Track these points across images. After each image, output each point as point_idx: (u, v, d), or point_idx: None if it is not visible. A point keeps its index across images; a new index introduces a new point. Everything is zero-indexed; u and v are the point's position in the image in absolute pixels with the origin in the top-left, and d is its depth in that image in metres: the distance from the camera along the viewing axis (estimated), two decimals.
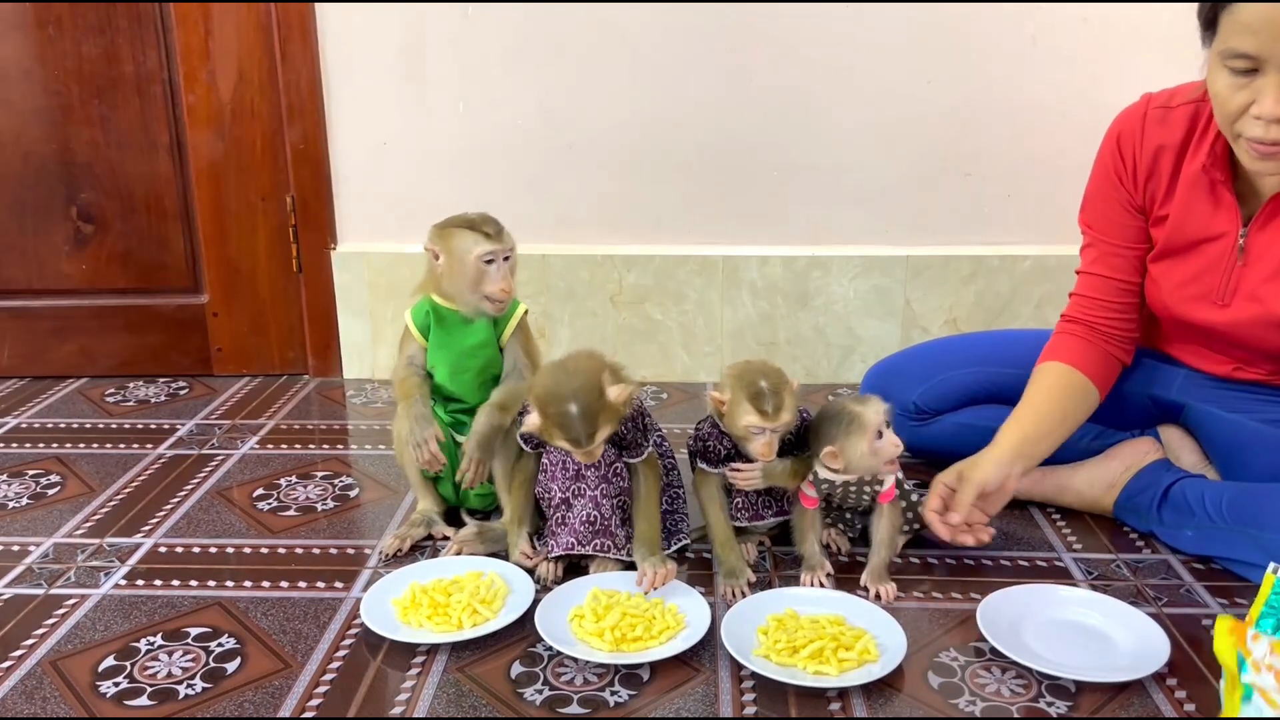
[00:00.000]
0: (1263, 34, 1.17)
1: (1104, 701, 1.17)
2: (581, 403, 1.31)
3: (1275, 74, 1.19)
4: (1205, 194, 1.40)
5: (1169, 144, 1.42)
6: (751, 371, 1.40)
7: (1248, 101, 1.22)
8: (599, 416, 1.32)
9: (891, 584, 1.40)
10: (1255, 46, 1.18)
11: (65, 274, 2.28)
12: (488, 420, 1.51)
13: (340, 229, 2.26)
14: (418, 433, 1.52)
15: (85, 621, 1.36)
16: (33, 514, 1.68)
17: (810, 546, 1.45)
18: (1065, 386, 1.51)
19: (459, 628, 1.30)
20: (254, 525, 1.64)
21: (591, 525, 1.42)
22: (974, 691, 1.19)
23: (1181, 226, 1.44)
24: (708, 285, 2.23)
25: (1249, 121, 1.23)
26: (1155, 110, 1.44)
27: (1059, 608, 1.33)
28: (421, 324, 1.57)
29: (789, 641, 1.24)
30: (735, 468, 1.45)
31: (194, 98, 2.17)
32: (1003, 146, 2.13)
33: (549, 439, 1.36)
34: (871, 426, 1.39)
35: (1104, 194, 1.51)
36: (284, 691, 1.21)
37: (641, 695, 1.19)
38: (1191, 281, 1.45)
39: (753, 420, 1.37)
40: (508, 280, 1.51)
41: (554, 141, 2.18)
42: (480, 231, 1.50)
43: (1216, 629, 1.06)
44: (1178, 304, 1.48)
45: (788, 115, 2.14)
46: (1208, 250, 1.42)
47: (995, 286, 2.19)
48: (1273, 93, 1.19)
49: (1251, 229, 1.38)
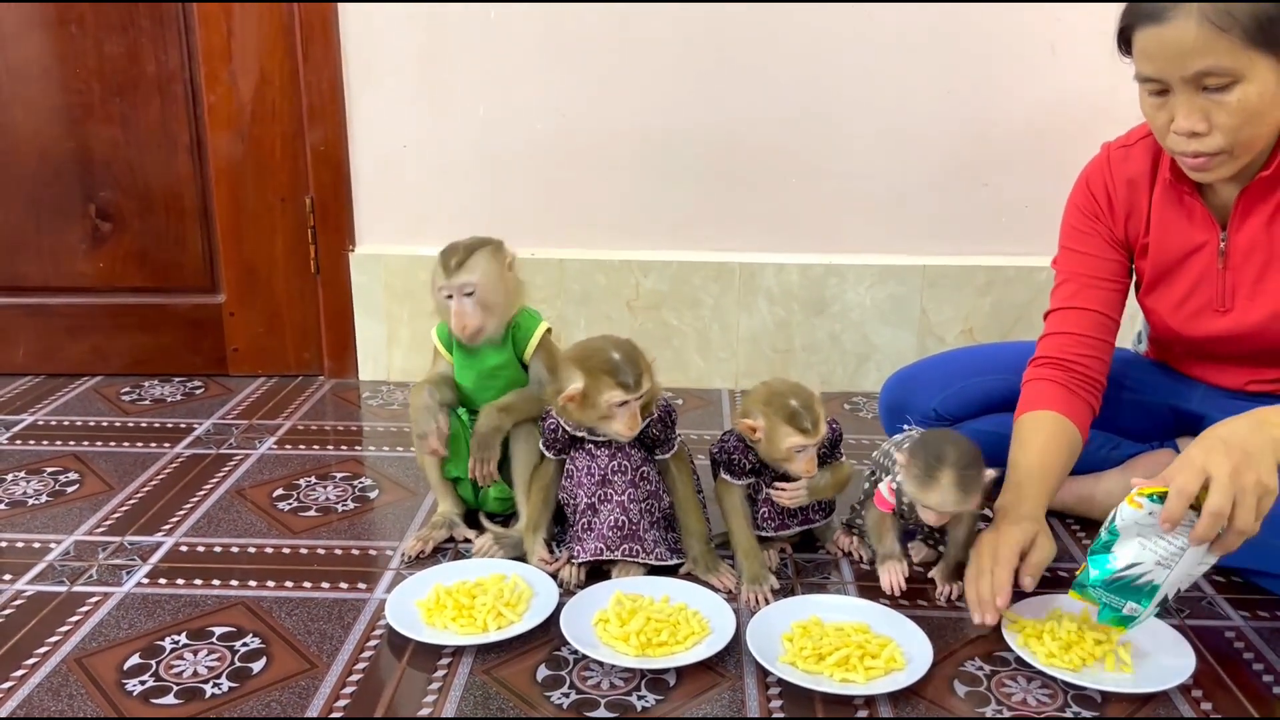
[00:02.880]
0: (1158, 59, 1.26)
1: (1131, 712, 1.18)
2: (624, 349, 1.39)
3: (1181, 92, 1.27)
4: (1177, 209, 1.45)
5: (1136, 176, 1.48)
6: (778, 394, 1.41)
7: (1168, 120, 1.30)
8: (642, 362, 1.39)
9: (959, 584, 1.41)
10: (1154, 70, 1.27)
11: (82, 272, 2.28)
12: (487, 420, 1.52)
13: (359, 231, 2.26)
14: (421, 424, 1.54)
15: (109, 619, 1.36)
16: (52, 511, 1.68)
17: (890, 544, 1.44)
18: (1063, 437, 1.44)
19: (484, 630, 1.30)
20: (274, 525, 1.64)
21: (619, 530, 1.43)
22: (1000, 700, 1.20)
23: (1163, 247, 1.47)
24: (724, 291, 2.24)
25: (1174, 138, 1.31)
26: (1116, 152, 1.51)
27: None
28: (446, 341, 1.58)
29: (815, 649, 1.24)
30: (779, 488, 1.46)
31: (215, 98, 2.17)
32: (1021, 157, 2.14)
33: (595, 395, 1.37)
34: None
35: (1080, 233, 1.53)
36: (311, 691, 1.21)
37: (668, 700, 1.20)
38: (1188, 298, 1.48)
39: (796, 441, 1.39)
40: (464, 318, 1.48)
41: (572, 146, 2.19)
42: (443, 264, 1.49)
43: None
44: (1181, 325, 1.50)
45: (806, 123, 2.15)
46: (1194, 263, 1.45)
47: (1011, 297, 2.19)
48: (1182, 109, 1.28)
49: (1230, 229, 1.41)
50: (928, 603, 1.41)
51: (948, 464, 1.32)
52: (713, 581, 1.43)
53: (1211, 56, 1.23)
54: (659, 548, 1.45)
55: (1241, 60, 1.22)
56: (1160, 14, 1.25)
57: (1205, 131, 1.27)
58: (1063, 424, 1.45)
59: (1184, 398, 1.59)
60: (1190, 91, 1.26)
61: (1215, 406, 1.55)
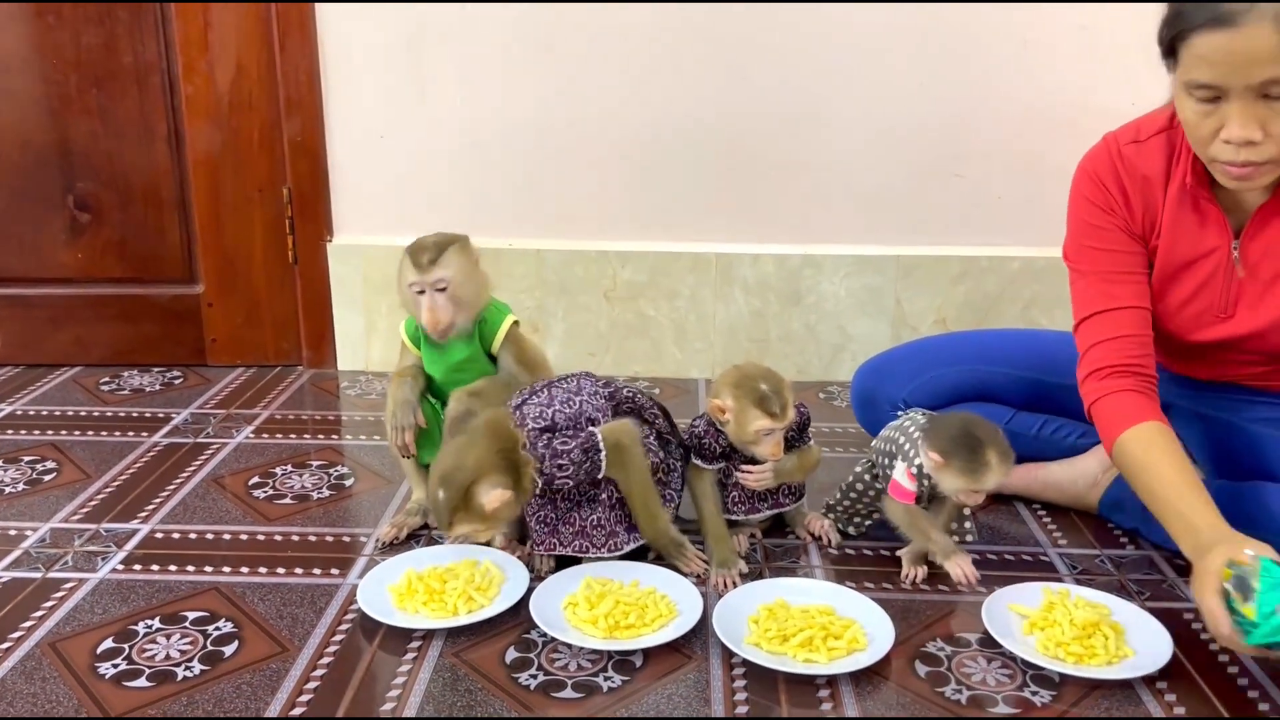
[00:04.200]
0: (1220, 65, 1.19)
1: (1086, 691, 1.20)
2: (449, 489, 1.30)
3: (1238, 100, 1.21)
4: (1191, 213, 1.41)
5: (1151, 174, 1.42)
6: (749, 377, 1.43)
7: (1216, 127, 1.24)
8: (457, 513, 1.31)
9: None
10: (1214, 77, 1.20)
11: (61, 263, 2.29)
12: (457, 405, 1.53)
13: (336, 221, 2.27)
14: (398, 417, 1.55)
15: (83, 605, 1.38)
16: (29, 499, 1.69)
17: (940, 536, 1.42)
18: (1175, 444, 1.35)
19: (454, 614, 1.32)
20: (250, 513, 1.65)
21: (602, 529, 1.44)
22: (960, 680, 1.22)
23: (1172, 249, 1.44)
24: (701, 282, 2.25)
25: (1220, 146, 1.25)
26: (1128, 146, 1.43)
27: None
28: (413, 336, 1.59)
29: (779, 630, 1.26)
30: (745, 469, 1.48)
31: (192, 89, 2.18)
32: (993, 149, 2.16)
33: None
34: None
35: (1098, 229, 1.46)
36: (282, 674, 1.23)
37: (634, 680, 1.22)
38: (1189, 302, 1.45)
39: (764, 424, 1.40)
40: (434, 313, 1.49)
41: (550, 137, 2.20)
42: (412, 261, 1.50)
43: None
44: (1178, 328, 1.48)
45: (783, 115, 2.17)
46: (1201, 267, 1.43)
47: (984, 287, 2.22)
48: (1238, 118, 1.21)
49: (1243, 240, 1.39)
50: (892, 585, 1.43)
51: (989, 445, 1.35)
52: (681, 566, 1.45)
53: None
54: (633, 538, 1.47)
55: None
56: (1230, 18, 1.17)
57: (1260, 140, 1.22)
58: (1165, 432, 1.36)
59: None
60: (1250, 99, 1.20)
61: (1179, 395, 1.57)
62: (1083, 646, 1.24)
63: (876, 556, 1.51)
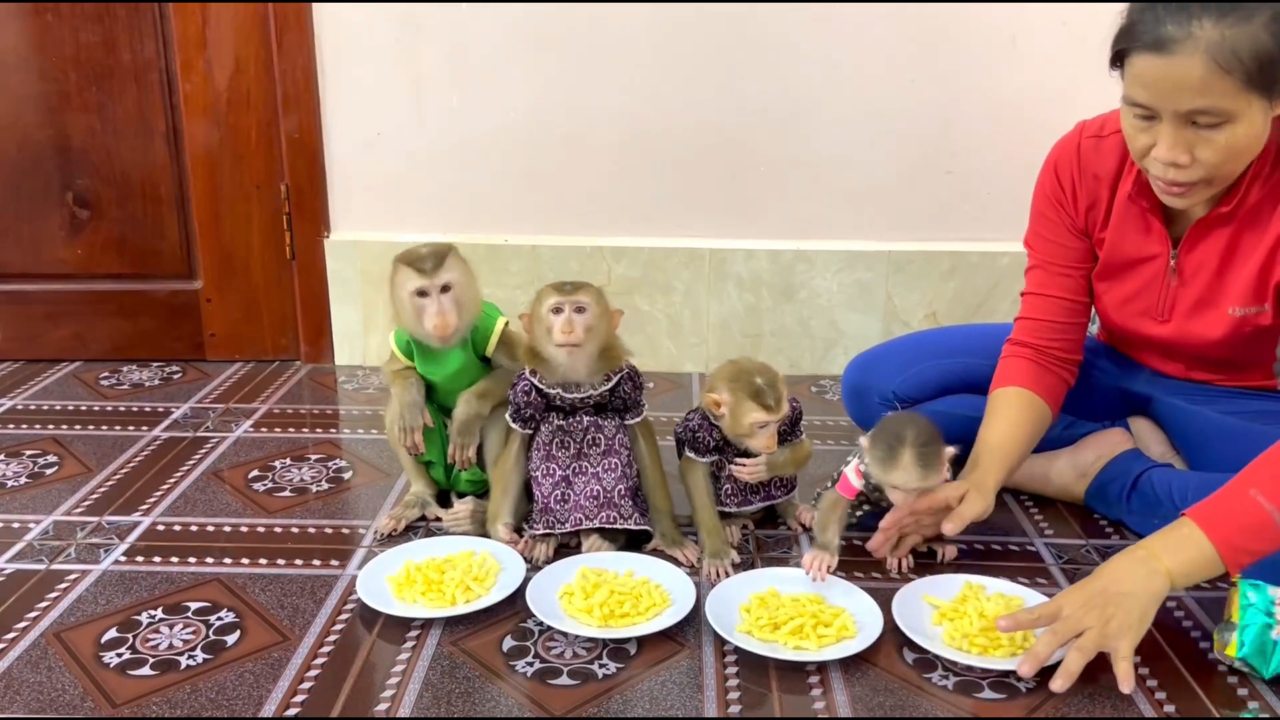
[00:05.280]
0: (1152, 89, 1.23)
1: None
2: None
3: (1169, 124, 1.25)
4: (1136, 219, 1.47)
5: (1103, 173, 1.48)
6: (744, 371, 1.46)
7: (1150, 143, 1.28)
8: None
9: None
10: (1147, 99, 1.25)
11: (60, 259, 2.31)
12: (466, 408, 1.56)
13: (334, 218, 2.30)
14: (407, 418, 1.57)
15: (87, 596, 1.40)
16: (31, 493, 1.72)
17: (831, 535, 1.43)
18: (1029, 411, 1.51)
19: (452, 603, 1.34)
20: (250, 505, 1.68)
21: (596, 499, 1.47)
22: (946, 667, 1.25)
23: (1117, 248, 1.50)
24: (695, 277, 2.28)
25: (1152, 162, 1.30)
26: (1088, 140, 1.49)
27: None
28: (404, 349, 1.60)
29: (770, 618, 1.29)
30: (740, 463, 1.51)
31: (190, 86, 2.20)
32: (983, 145, 2.19)
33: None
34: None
35: (1047, 219, 1.56)
36: (283, 662, 1.25)
37: (629, 668, 1.24)
38: (1133, 299, 1.53)
39: (758, 416, 1.43)
40: (441, 316, 1.50)
41: (545, 134, 2.22)
42: (413, 266, 1.50)
43: None
44: (1123, 320, 1.56)
45: (775, 112, 2.19)
46: (1143, 270, 1.49)
47: (974, 282, 2.24)
48: (1167, 141, 1.26)
49: (1181, 250, 1.44)
50: (881, 575, 1.46)
51: (908, 443, 1.36)
52: (677, 555, 1.48)
53: (1211, 97, 1.20)
54: (636, 513, 1.49)
55: (1239, 102, 1.20)
56: (1165, 45, 1.20)
57: (1187, 164, 1.26)
58: (1029, 399, 1.51)
59: (1131, 380, 1.65)
60: (1179, 124, 1.24)
61: (1160, 389, 1.60)
62: (987, 638, 1.26)
63: (865, 547, 1.54)
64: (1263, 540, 1.21)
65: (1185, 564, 1.19)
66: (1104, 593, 1.20)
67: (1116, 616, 1.17)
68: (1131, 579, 1.20)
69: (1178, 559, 1.20)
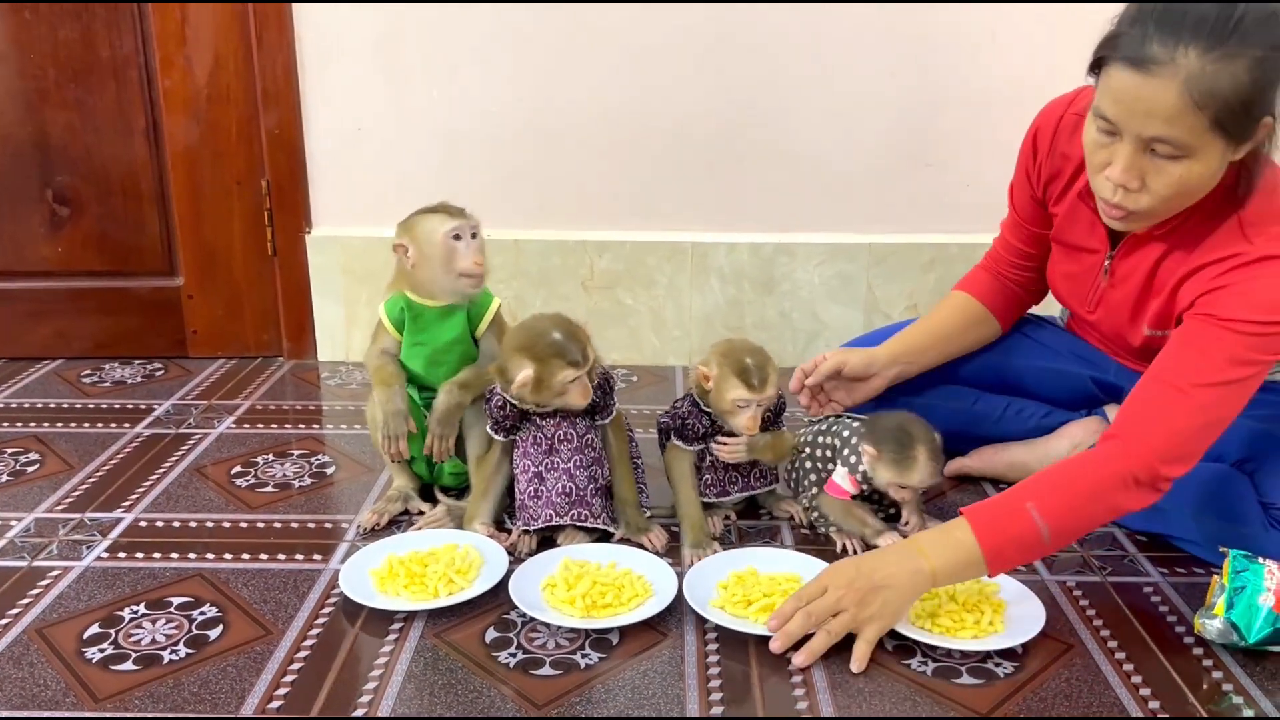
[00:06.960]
0: (1120, 105, 1.19)
1: (1047, 663, 1.24)
2: (563, 327, 1.43)
3: (1128, 145, 1.21)
4: (1085, 213, 1.48)
5: (1072, 155, 1.47)
6: (736, 349, 1.48)
7: (1107, 160, 1.25)
8: (581, 334, 1.44)
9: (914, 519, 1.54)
10: (1114, 114, 1.21)
11: (41, 256, 2.30)
12: (448, 398, 1.57)
13: (315, 213, 2.29)
14: (391, 426, 1.57)
15: (69, 592, 1.40)
16: (13, 490, 1.71)
17: (874, 519, 1.51)
18: (961, 310, 1.69)
19: (435, 596, 1.35)
20: (232, 501, 1.68)
21: (567, 496, 1.48)
22: (925, 652, 1.26)
23: (1066, 228, 1.53)
24: (677, 271, 2.28)
25: (1103, 180, 1.27)
26: (1071, 117, 1.47)
27: None
28: (395, 319, 1.60)
29: (744, 595, 1.32)
30: (720, 441, 1.52)
31: (170, 82, 2.19)
32: (962, 137, 2.20)
33: (549, 378, 1.41)
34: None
35: (1019, 180, 1.61)
36: (266, 656, 1.25)
37: (611, 657, 1.25)
38: (1070, 279, 1.57)
39: (740, 394, 1.44)
40: (479, 255, 1.55)
41: (528, 128, 2.22)
42: (444, 211, 1.56)
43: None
44: (1063, 293, 1.61)
45: (756, 106, 2.20)
46: (1083, 259, 1.52)
47: (955, 274, 2.22)
48: (1122, 162, 1.22)
49: (1117, 254, 1.46)
50: None
51: (920, 442, 1.43)
52: (643, 542, 1.49)
53: (1176, 128, 1.17)
54: (604, 514, 1.50)
55: (1202, 139, 1.17)
56: (1145, 64, 1.16)
57: (1136, 189, 1.24)
58: (967, 301, 1.69)
59: (1101, 370, 1.66)
60: (1137, 148, 1.21)
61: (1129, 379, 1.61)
62: (952, 620, 1.28)
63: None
64: (1030, 553, 1.30)
65: (951, 565, 1.25)
66: (868, 579, 1.25)
67: (872, 605, 1.24)
68: (897, 574, 1.25)
69: (945, 559, 1.25)
